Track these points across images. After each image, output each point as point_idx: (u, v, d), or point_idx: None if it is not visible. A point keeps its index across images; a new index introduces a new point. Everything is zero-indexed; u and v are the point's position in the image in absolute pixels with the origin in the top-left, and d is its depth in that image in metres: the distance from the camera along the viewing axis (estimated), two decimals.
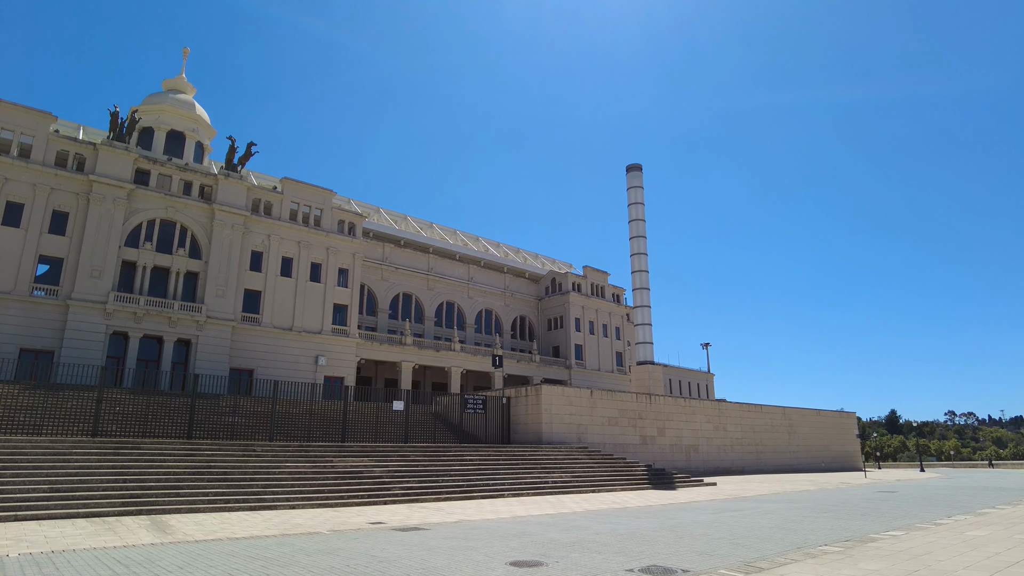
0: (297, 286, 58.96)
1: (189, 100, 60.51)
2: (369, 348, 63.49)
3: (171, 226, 54.10)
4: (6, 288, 46.51)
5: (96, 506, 19.98)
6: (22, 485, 20.20)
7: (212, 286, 53.90)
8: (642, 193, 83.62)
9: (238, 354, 54.46)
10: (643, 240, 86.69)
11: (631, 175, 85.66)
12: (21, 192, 48.27)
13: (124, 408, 34.05)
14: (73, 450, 23.59)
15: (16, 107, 49.21)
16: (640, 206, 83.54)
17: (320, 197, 62.38)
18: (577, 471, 35.04)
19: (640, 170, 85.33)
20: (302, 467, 26.87)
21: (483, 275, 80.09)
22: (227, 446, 27.37)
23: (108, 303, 49.10)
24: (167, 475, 23.20)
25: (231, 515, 21.04)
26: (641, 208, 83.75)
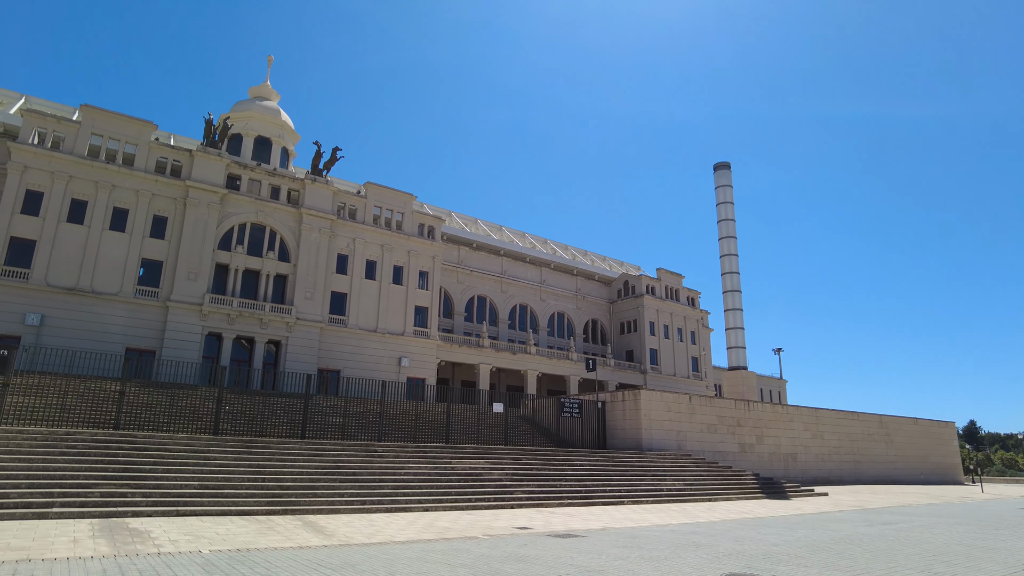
0: (380, 288, 59.48)
1: (274, 107, 61.87)
2: (448, 350, 63.55)
3: (261, 230, 55.30)
4: (113, 290, 48.25)
5: (244, 504, 20.09)
6: (175, 481, 20.48)
7: (301, 288, 54.82)
8: (731, 192, 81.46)
9: (326, 355, 55.21)
10: (733, 241, 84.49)
11: (719, 174, 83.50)
12: (125, 198, 50.08)
13: (233, 407, 34.67)
14: (210, 448, 23.93)
15: (121, 117, 51.11)
16: (729, 205, 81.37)
17: (401, 201, 62.86)
18: (687, 479, 33.94)
19: (728, 168, 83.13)
20: (423, 468, 26.66)
21: (554, 278, 79.45)
22: (349, 447, 27.40)
23: (204, 305, 50.41)
24: (300, 475, 23.26)
25: (372, 516, 20.87)
26: (730, 208, 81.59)
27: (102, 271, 48.17)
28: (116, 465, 20.76)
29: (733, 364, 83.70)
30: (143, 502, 18.71)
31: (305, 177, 57.53)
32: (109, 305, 48.02)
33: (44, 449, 20.73)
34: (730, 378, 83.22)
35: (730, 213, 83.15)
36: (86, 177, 48.89)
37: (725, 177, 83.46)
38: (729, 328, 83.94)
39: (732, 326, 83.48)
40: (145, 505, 18.58)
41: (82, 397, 30.41)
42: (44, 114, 49.90)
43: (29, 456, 20.08)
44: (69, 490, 18.40)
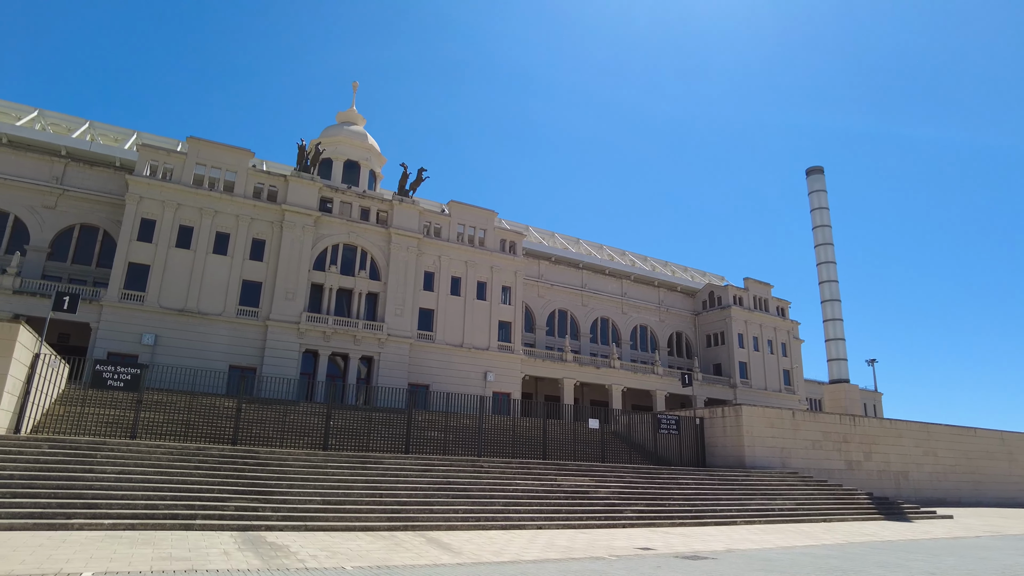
0: (465, 304, 60.25)
1: (361, 131, 64.06)
2: (532, 364, 63.54)
3: (352, 250, 57.15)
4: (217, 310, 50.88)
5: (366, 519, 20.51)
6: (299, 496, 21.16)
7: (391, 305, 56.20)
8: (825, 197, 78.04)
9: (415, 370, 56.25)
10: (830, 247, 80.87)
11: (812, 178, 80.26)
12: (227, 223, 52.87)
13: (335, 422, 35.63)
14: (327, 464, 24.63)
15: (222, 147, 54.15)
16: (825, 211, 77.97)
17: (483, 218, 63.65)
18: (798, 498, 32.43)
19: (821, 172, 79.79)
20: (530, 485, 26.56)
21: (636, 290, 78.31)
22: (457, 463, 27.63)
23: (301, 323, 52.40)
24: (414, 491, 23.58)
25: (489, 533, 20.87)
26: (826, 213, 78.18)
27: (207, 293, 50.90)
28: (244, 480, 21.65)
29: (834, 377, 79.72)
30: (274, 516, 19.39)
31: (392, 198, 59.14)
32: (214, 325, 50.65)
33: (180, 463, 21.87)
34: (831, 392, 79.24)
35: (826, 219, 79.52)
36: (192, 204, 51.96)
37: (819, 182, 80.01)
38: (829, 339, 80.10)
39: (832, 337, 79.54)
40: (276, 520, 19.24)
41: (198, 413, 31.94)
42: (155, 148, 53.48)
43: (168, 469, 21.22)
44: (208, 503, 19.29)
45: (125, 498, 18.71)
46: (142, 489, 19.52)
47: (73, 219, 53.52)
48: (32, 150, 55.01)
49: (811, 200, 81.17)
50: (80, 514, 17.27)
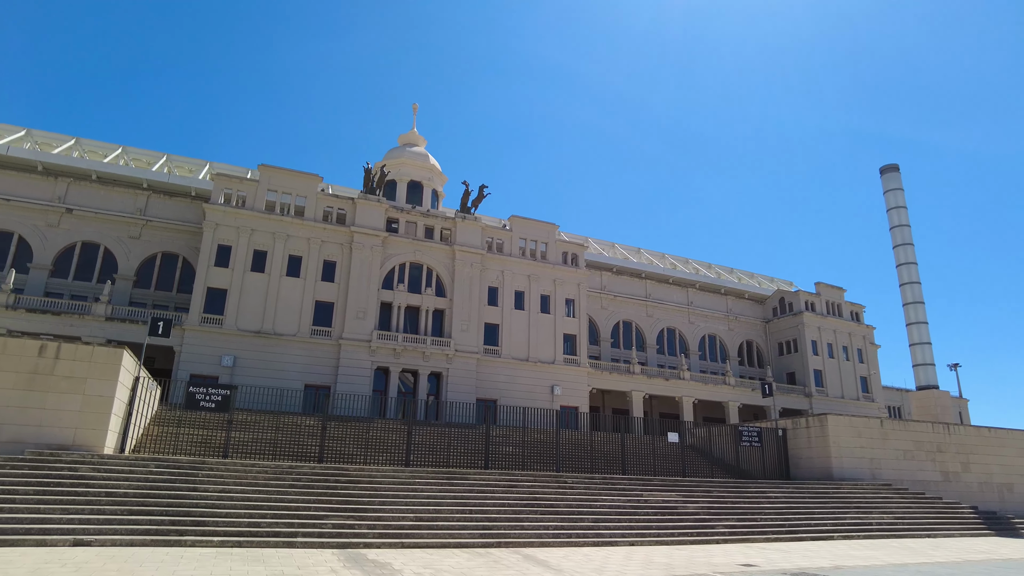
0: (529, 318, 60.21)
1: (423, 152, 65.24)
2: (599, 377, 62.86)
3: (419, 268, 58.01)
4: (291, 331, 52.35)
5: (459, 536, 20.50)
6: (392, 513, 21.36)
7: (457, 321, 56.68)
8: (903, 195, 74.67)
9: (482, 385, 56.43)
10: (910, 248, 77.36)
11: (887, 177, 77.02)
12: (298, 246, 54.50)
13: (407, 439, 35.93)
14: (414, 480, 24.83)
15: (292, 173, 56.04)
16: (902, 210, 74.57)
17: (545, 231, 63.68)
18: (895, 511, 30.84)
19: (897, 171, 76.40)
20: (616, 500, 26.09)
21: (702, 298, 76.66)
22: (540, 478, 27.45)
23: (372, 341, 53.38)
24: (502, 507, 23.50)
25: (583, 550, 20.56)
26: (904, 212, 74.79)
27: (282, 314, 52.45)
28: (337, 497, 22.01)
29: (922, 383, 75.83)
30: (370, 533, 19.60)
31: (455, 216, 59.85)
32: (289, 345, 52.09)
33: (275, 481, 22.43)
34: (920, 399, 75.35)
35: (904, 218, 75.98)
36: (265, 229, 53.80)
37: (895, 180, 76.62)
38: (913, 344, 76.33)
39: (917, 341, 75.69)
40: (372, 537, 19.45)
41: (282, 432, 32.76)
42: (228, 176, 55.76)
43: (265, 488, 21.78)
44: (306, 521, 19.68)
45: (229, 515, 19.26)
46: (243, 507, 20.07)
47: (156, 248, 56.23)
48: (118, 184, 58.18)
49: (887, 199, 77.61)
50: (191, 531, 17.85)
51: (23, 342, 24.11)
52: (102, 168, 59.23)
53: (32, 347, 24.04)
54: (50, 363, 24.03)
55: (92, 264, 54.60)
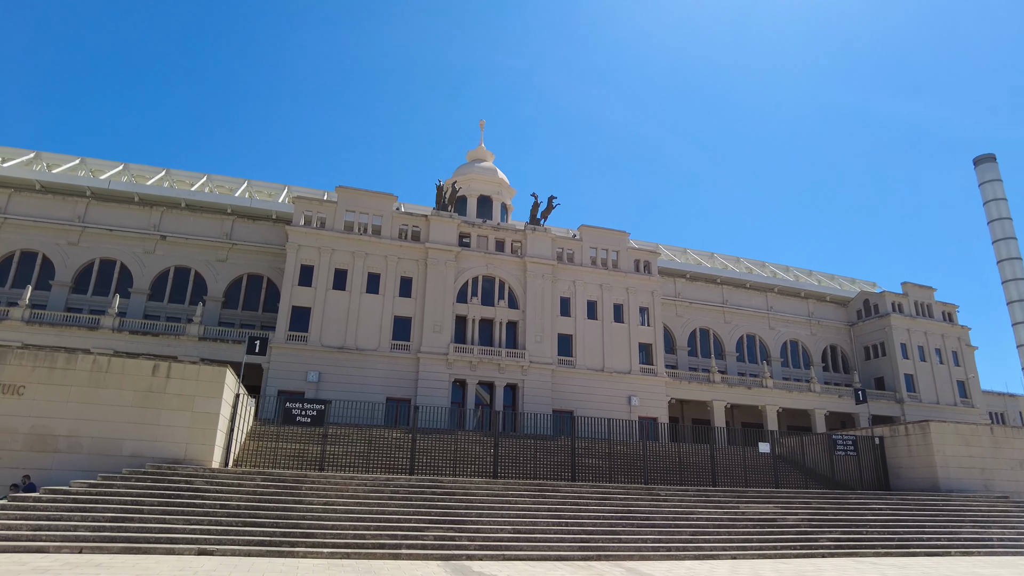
0: (603, 328, 59.71)
1: (491, 167, 66.06)
2: (678, 387, 61.63)
3: (491, 281, 58.59)
4: (372, 346, 53.72)
5: (558, 548, 20.44)
6: (489, 525, 21.52)
7: (531, 333, 56.84)
8: (1001, 187, 70.12)
9: (558, 396, 56.25)
10: (1013, 243, 72.54)
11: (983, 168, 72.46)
12: (376, 264, 56.01)
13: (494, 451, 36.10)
14: (508, 492, 24.97)
15: (368, 193, 57.77)
16: (1002, 202, 69.96)
17: (615, 239, 63.19)
18: (1017, 526, 28.76)
19: (994, 161, 72.00)
20: (711, 512, 25.45)
21: (782, 303, 74.13)
22: (631, 490, 27.13)
23: (449, 354, 54.15)
24: (597, 519, 23.31)
25: (686, 564, 20.12)
26: (1003, 205, 70.14)
27: (363, 330, 53.90)
28: (436, 508, 22.34)
29: None
30: (471, 546, 19.79)
31: (525, 228, 60.20)
32: (370, 360, 53.44)
33: (375, 494, 22.99)
34: None
35: (1004, 210, 71.11)
36: (344, 249, 55.56)
37: (991, 171, 71.94)
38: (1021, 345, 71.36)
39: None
40: (474, 549, 19.62)
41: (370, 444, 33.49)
42: (308, 199, 57.94)
43: (365, 500, 22.35)
44: (409, 533, 20.06)
45: (335, 527, 19.85)
46: (347, 518, 20.65)
47: (242, 270, 58.94)
48: (205, 211, 61.43)
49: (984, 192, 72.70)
50: (301, 543, 18.49)
51: (139, 363, 25.71)
52: (190, 196, 62.65)
53: (147, 367, 25.60)
54: (162, 382, 25.53)
55: (184, 287, 57.73)
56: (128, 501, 19.90)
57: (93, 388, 24.88)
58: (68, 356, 25.25)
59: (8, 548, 16.58)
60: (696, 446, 37.38)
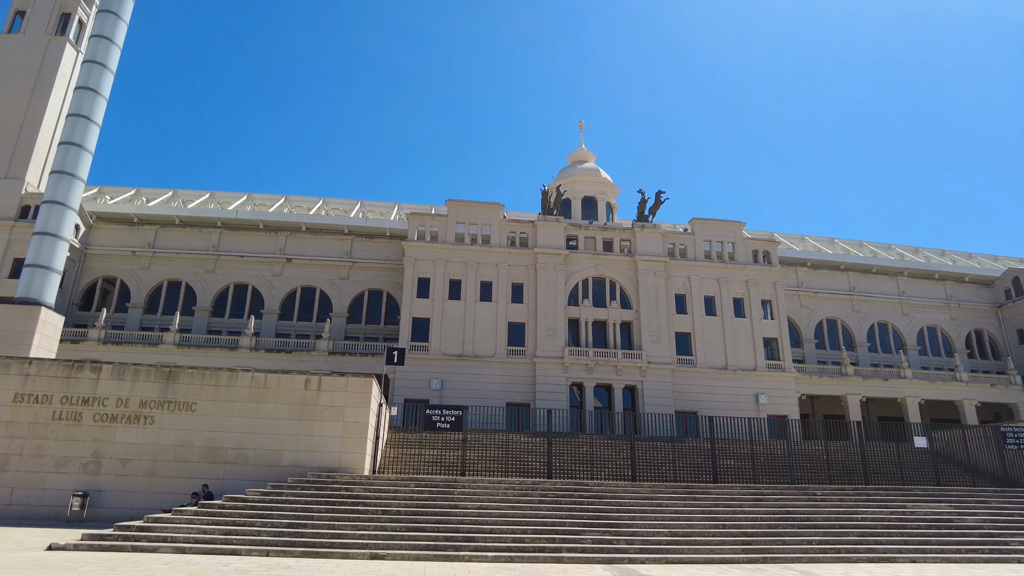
0: (723, 324, 57.64)
1: (593, 167, 65.62)
2: (807, 382, 58.44)
3: (601, 282, 58.07)
4: (489, 352, 54.57)
5: (720, 552, 19.75)
6: (644, 528, 21.11)
7: (646, 333, 55.77)
8: None
9: (680, 396, 54.79)
10: None
11: None
12: (488, 272, 56.94)
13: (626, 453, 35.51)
14: (656, 495, 24.47)
15: (477, 204, 58.93)
16: None
17: (730, 231, 60.94)
18: None
19: None
20: (877, 513, 23.78)
21: (915, 287, 68.73)
22: (785, 490, 25.88)
23: (564, 358, 54.09)
24: (755, 521, 22.39)
25: (865, 567, 18.81)
26: None
27: (479, 337, 54.87)
28: (587, 512, 22.20)
29: None
30: (630, 549, 19.46)
31: (633, 226, 59.26)
32: (488, 366, 54.30)
33: (524, 497, 23.15)
34: None
35: None
36: (457, 260, 56.87)
37: None
38: None
39: None
40: (634, 552, 19.28)
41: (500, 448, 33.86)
42: (420, 214, 59.80)
43: (517, 503, 22.55)
44: (567, 536, 20.01)
45: (493, 531, 20.11)
46: (503, 522, 20.88)
47: (362, 286, 61.66)
48: (324, 233, 64.77)
49: None
50: (465, 547, 18.85)
51: (292, 377, 27.32)
52: (309, 220, 66.17)
53: (299, 381, 27.17)
54: (314, 395, 27.01)
55: (311, 305, 61.11)
56: (299, 508, 21.09)
57: (254, 403, 26.71)
58: (230, 374, 27.22)
59: (205, 550, 17.95)
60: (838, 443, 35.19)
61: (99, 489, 25.66)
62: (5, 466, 25.48)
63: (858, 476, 32.27)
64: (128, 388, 26.96)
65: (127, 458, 26.15)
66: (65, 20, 63.05)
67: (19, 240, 55.48)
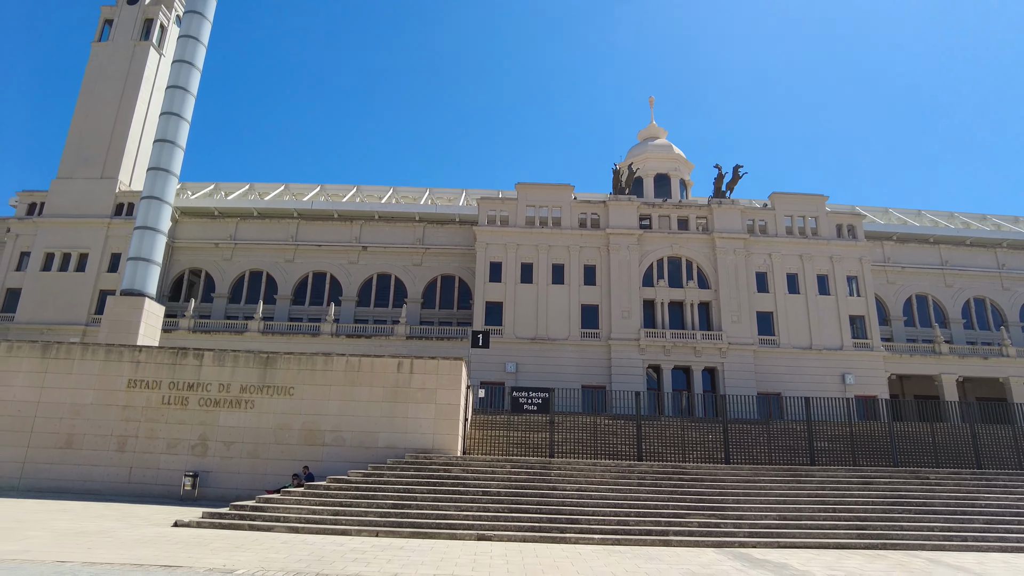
0: (807, 302, 55.45)
1: (665, 143, 63.98)
2: (897, 361, 55.72)
3: (677, 261, 56.76)
4: (562, 335, 54.31)
5: (834, 537, 19.02)
6: (751, 511, 20.51)
7: (726, 313, 54.26)
8: None
9: (762, 377, 53.18)
10: None
11: None
12: (559, 255, 56.54)
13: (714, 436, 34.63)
14: (757, 478, 23.75)
15: (546, 187, 58.46)
16: None
17: (812, 205, 58.41)
18: None
19: None
20: (1002, 499, 22.43)
21: (1016, 259, 64.21)
22: (895, 474, 24.78)
23: (640, 340, 53.26)
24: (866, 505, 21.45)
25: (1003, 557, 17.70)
26: None
27: (552, 320, 54.65)
28: (689, 495, 21.74)
29: None
30: (739, 532, 18.93)
31: (710, 202, 57.55)
32: (562, 349, 54.07)
33: (623, 480, 22.87)
34: None
35: None
36: (528, 243, 56.66)
37: None
38: None
39: None
40: (743, 536, 18.75)
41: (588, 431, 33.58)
42: (491, 199, 59.83)
43: (615, 485, 22.30)
44: (671, 519, 19.63)
45: (595, 513, 19.94)
46: (603, 504, 20.67)
47: (435, 272, 62.32)
48: (396, 220, 65.67)
49: None
50: (569, 528, 18.76)
51: (385, 361, 27.81)
52: (381, 208, 67.19)
53: (392, 365, 27.63)
54: (407, 377, 27.43)
55: (386, 292, 62.25)
56: (401, 489, 21.45)
57: (349, 386, 27.34)
58: (326, 358, 27.94)
59: (317, 530, 18.47)
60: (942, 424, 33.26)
61: (207, 470, 26.87)
62: (123, 447, 27.01)
63: (967, 460, 30.44)
64: (229, 374, 28.04)
65: (231, 441, 27.26)
66: (148, 26, 65.74)
67: (115, 236, 58.64)
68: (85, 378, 27.94)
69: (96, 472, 26.79)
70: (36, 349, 28.25)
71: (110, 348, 28.63)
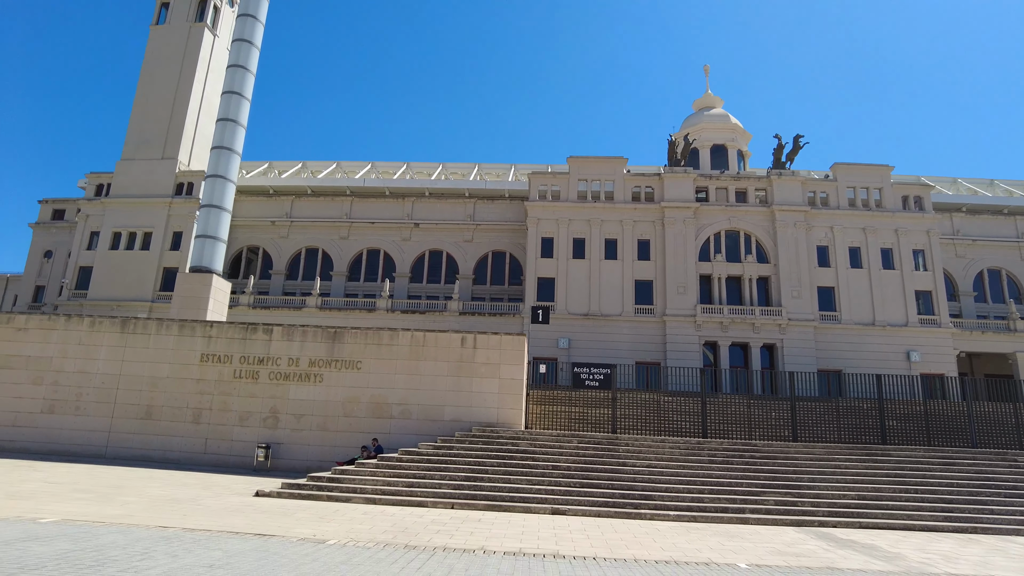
0: (870, 276, 53.52)
1: (722, 113, 62.12)
2: (966, 338, 53.51)
3: (734, 235, 55.40)
4: (616, 311, 53.80)
5: (918, 519, 18.41)
6: (828, 491, 20.03)
7: (786, 288, 52.83)
8: None
9: (823, 354, 51.79)
10: None
11: None
12: (612, 229, 55.77)
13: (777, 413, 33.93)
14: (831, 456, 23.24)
15: (598, 160, 57.55)
16: None
17: (876, 176, 56.04)
18: None
19: None
20: None
21: None
22: (980, 455, 23.88)
23: (696, 316, 52.37)
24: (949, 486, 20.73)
25: None
26: None
27: (605, 296, 54.14)
28: (761, 473, 21.37)
29: None
30: (817, 512, 18.55)
31: (769, 174, 55.77)
32: (615, 325, 53.59)
33: (693, 457, 22.62)
34: None
35: None
36: (580, 218, 56.02)
37: None
38: None
39: None
40: (822, 515, 18.36)
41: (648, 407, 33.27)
42: (541, 174, 59.24)
43: (685, 463, 22.07)
44: (747, 497, 19.33)
45: (668, 490, 19.78)
46: (675, 481, 20.49)
47: (486, 248, 62.31)
48: (446, 197, 65.71)
49: None
50: (644, 504, 18.66)
51: (449, 336, 28.02)
52: (431, 185, 67.32)
53: (456, 340, 27.83)
54: (471, 352, 27.60)
55: (438, 268, 62.60)
56: (472, 462, 21.68)
57: (414, 360, 27.69)
58: (391, 333, 28.30)
59: (393, 501, 18.81)
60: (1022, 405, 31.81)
61: (278, 442, 27.68)
62: (199, 419, 28.01)
63: None
64: (298, 348, 28.69)
65: (301, 413, 27.98)
66: (202, 7, 66.68)
67: (176, 215, 60.33)
68: (161, 352, 29.00)
69: (174, 442, 27.91)
70: (116, 324, 29.39)
71: (183, 323, 29.59)
